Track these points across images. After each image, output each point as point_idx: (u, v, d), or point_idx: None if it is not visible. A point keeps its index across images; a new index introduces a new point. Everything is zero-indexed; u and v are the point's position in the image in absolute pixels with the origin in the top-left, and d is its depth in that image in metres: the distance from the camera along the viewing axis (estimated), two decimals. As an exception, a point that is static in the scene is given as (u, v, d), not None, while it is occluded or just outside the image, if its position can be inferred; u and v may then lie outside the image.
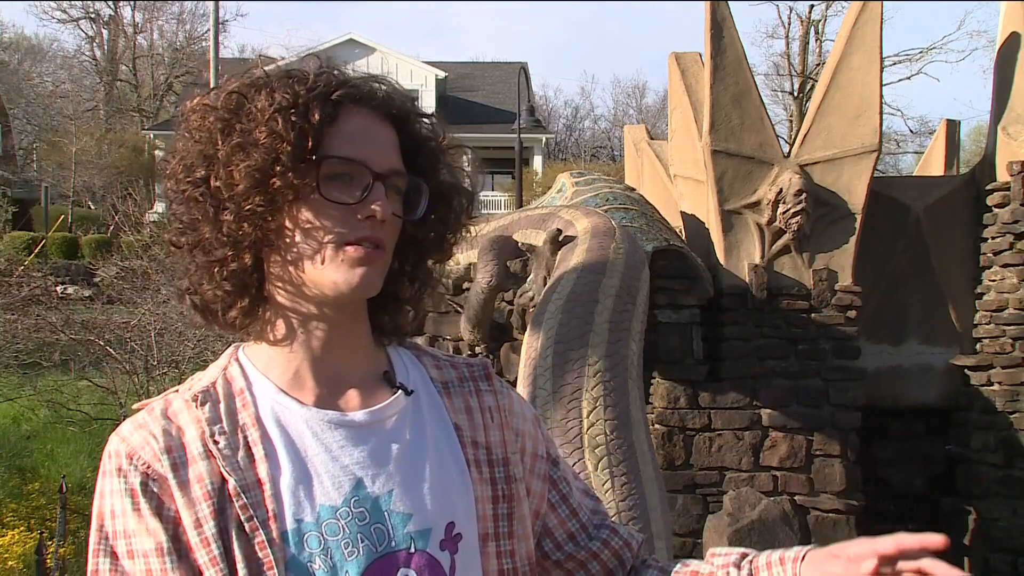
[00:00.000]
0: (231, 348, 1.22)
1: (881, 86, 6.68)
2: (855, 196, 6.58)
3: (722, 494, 6.23)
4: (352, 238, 1.13)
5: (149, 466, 1.10)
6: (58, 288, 15.38)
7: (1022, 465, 6.62)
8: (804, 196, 6.42)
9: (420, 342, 1.42)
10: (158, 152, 30.29)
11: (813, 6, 36.23)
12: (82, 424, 9.95)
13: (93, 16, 41.30)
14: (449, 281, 6.41)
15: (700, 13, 6.71)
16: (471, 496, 1.18)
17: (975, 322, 7.04)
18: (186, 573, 1.08)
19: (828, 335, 6.54)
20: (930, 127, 34.00)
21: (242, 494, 1.08)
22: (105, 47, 41.54)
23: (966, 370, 6.98)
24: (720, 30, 6.60)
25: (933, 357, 7.10)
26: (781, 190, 6.46)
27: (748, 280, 6.54)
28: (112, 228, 19.71)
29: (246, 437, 1.12)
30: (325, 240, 1.13)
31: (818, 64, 34.13)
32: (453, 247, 1.27)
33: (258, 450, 1.11)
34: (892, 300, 7.12)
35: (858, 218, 6.58)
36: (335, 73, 1.18)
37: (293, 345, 1.17)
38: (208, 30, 26.01)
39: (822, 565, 1.15)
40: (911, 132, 37.50)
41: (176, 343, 9.90)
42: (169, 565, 1.08)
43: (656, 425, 6.27)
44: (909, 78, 48.45)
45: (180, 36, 41.68)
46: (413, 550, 1.12)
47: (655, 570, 1.33)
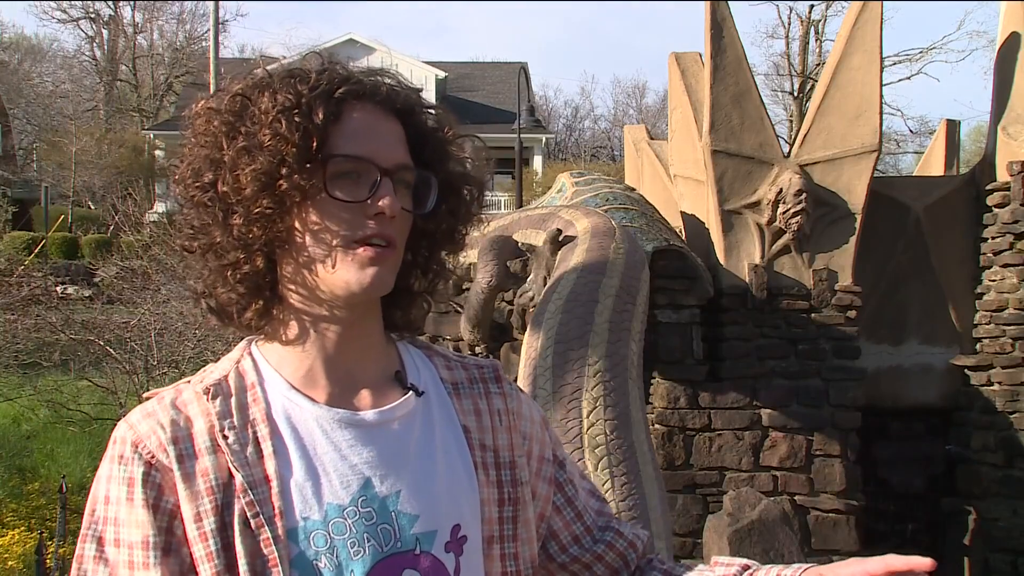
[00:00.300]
0: (244, 341, 1.22)
1: (881, 86, 6.67)
2: (855, 196, 6.58)
3: (722, 494, 6.22)
4: (362, 236, 1.12)
5: (153, 455, 1.09)
6: (58, 288, 15.38)
7: (1022, 465, 6.62)
8: (804, 196, 6.42)
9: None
10: (158, 152, 30.34)
11: (813, 6, 36.28)
12: (82, 424, 9.95)
13: (93, 16, 41.30)
14: (451, 280, 6.40)
15: (700, 13, 6.71)
16: (477, 498, 1.17)
17: (975, 322, 7.04)
18: (170, 569, 1.07)
19: (828, 335, 6.54)
20: (930, 127, 34.03)
21: (249, 490, 1.08)
22: (105, 47, 41.53)
23: (966, 370, 6.98)
24: (720, 30, 6.60)
25: (933, 357, 7.10)
26: (781, 190, 6.46)
27: (748, 280, 6.54)
28: (112, 228, 19.73)
29: (256, 433, 1.12)
30: (335, 241, 1.12)
31: (818, 64, 34.14)
32: (465, 237, 1.26)
33: (267, 446, 1.11)
34: (892, 300, 7.11)
35: (858, 218, 6.58)
36: (338, 70, 1.17)
37: (306, 345, 1.17)
38: (208, 30, 26.03)
39: None
40: (911, 132, 37.57)
41: (176, 343, 9.91)
42: (152, 559, 1.06)
43: (656, 425, 6.27)
44: (909, 78, 48.56)
45: (180, 36, 41.70)
46: (419, 551, 1.12)
47: (659, 572, 1.33)
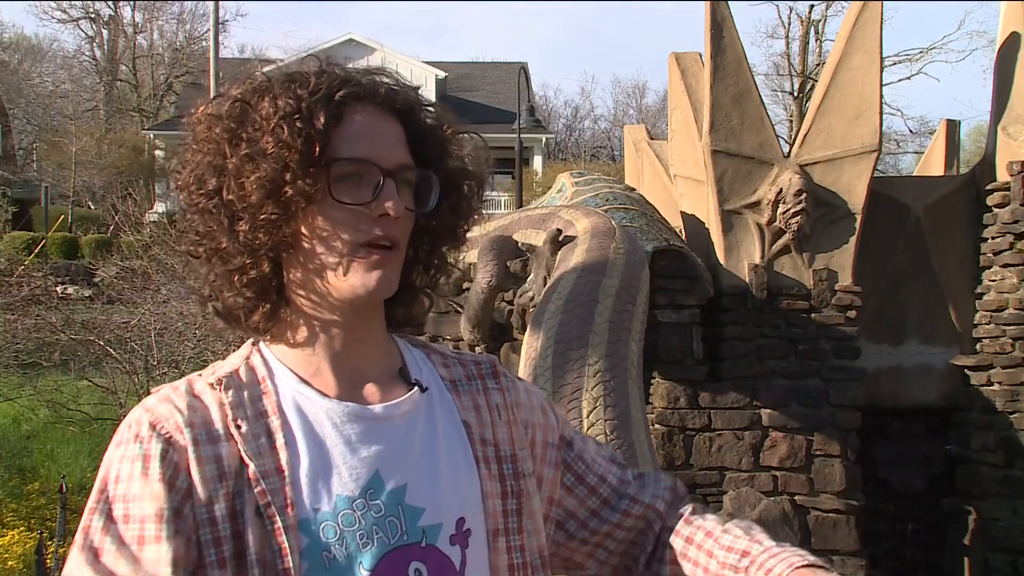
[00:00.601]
0: (250, 340, 1.23)
1: (881, 86, 6.67)
2: (855, 196, 6.58)
3: (722, 494, 6.22)
4: (368, 240, 1.14)
5: (171, 436, 1.10)
6: (58, 288, 15.39)
7: (1022, 465, 6.62)
8: (804, 196, 6.42)
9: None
10: (158, 152, 30.33)
11: (813, 6, 36.30)
12: (82, 424, 9.96)
13: (93, 16, 41.30)
14: (450, 281, 6.40)
15: (700, 13, 6.71)
16: (480, 492, 1.19)
17: (975, 322, 7.04)
18: (179, 545, 1.06)
19: (828, 335, 6.54)
20: (930, 127, 34.03)
21: (262, 480, 1.09)
22: (105, 47, 41.53)
23: (966, 370, 6.98)
24: (720, 30, 6.60)
25: (933, 357, 7.10)
26: (781, 190, 6.46)
27: (748, 280, 6.54)
28: (112, 228, 19.72)
29: (267, 424, 1.13)
30: (340, 245, 1.13)
31: (818, 64, 34.14)
32: (466, 233, 1.28)
33: (279, 438, 1.12)
34: (892, 300, 7.11)
35: (858, 218, 6.58)
36: (336, 72, 1.18)
37: (315, 346, 1.19)
38: (208, 30, 26.00)
39: None
40: (911, 132, 37.58)
41: (176, 343, 9.92)
42: (165, 532, 1.06)
43: (656, 425, 6.27)
44: (909, 78, 48.57)
45: (180, 36, 41.69)
46: (425, 544, 1.13)
47: (681, 539, 1.31)
